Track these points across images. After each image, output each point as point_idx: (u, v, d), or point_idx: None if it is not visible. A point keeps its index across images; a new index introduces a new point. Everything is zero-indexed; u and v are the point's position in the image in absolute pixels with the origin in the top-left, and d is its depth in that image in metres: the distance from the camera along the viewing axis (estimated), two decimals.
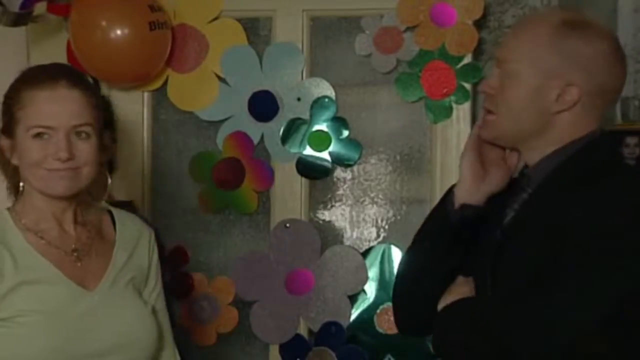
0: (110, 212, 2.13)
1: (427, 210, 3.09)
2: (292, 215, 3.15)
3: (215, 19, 3.16)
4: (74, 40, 3.00)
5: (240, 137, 3.15)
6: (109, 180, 2.11)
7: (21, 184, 2.01)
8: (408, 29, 3.07)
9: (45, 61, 3.12)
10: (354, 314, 3.12)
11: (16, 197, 2.04)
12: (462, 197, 2.00)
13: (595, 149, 1.93)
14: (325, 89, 3.13)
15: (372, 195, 3.22)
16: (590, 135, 1.93)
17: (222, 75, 3.16)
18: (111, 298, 2.01)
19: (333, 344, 3.11)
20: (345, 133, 3.12)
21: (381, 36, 3.08)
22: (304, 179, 3.17)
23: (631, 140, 3.09)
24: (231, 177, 3.16)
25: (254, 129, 3.16)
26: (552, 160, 1.93)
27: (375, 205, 3.21)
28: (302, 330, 3.16)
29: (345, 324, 3.11)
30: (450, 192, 2.05)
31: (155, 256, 2.14)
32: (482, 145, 2.02)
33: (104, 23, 2.93)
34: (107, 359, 1.97)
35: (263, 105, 3.14)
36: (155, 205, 3.25)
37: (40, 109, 1.95)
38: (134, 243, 2.09)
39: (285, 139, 3.14)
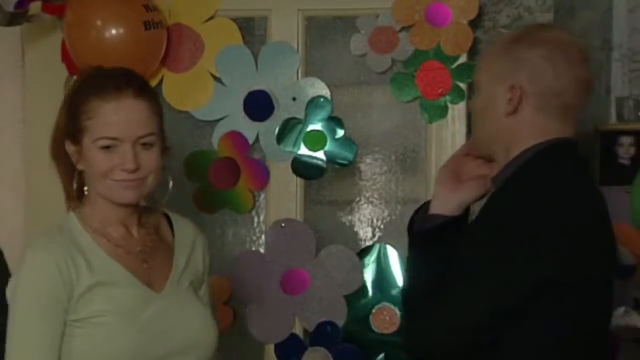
0: (166, 216, 2.15)
1: None
2: (288, 215, 3.15)
3: (211, 18, 3.16)
4: (69, 40, 2.99)
5: (236, 137, 3.15)
6: (171, 184, 2.13)
7: (85, 188, 2.04)
8: (403, 28, 3.07)
9: (41, 60, 3.16)
10: (350, 313, 3.12)
11: (79, 200, 2.07)
12: (433, 206, 2.09)
13: (540, 160, 1.98)
14: (321, 89, 3.13)
15: (367, 195, 3.22)
16: (538, 146, 1.98)
17: (217, 75, 3.15)
18: (177, 300, 2.04)
19: (329, 344, 3.11)
20: (341, 133, 3.12)
21: (376, 36, 3.08)
22: (299, 179, 3.17)
23: (626, 140, 3.10)
24: (226, 176, 3.16)
25: (249, 129, 3.15)
26: (508, 168, 2.00)
27: (370, 205, 3.22)
28: (298, 330, 3.16)
29: (340, 324, 3.11)
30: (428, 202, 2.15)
31: (208, 260, 2.18)
32: (460, 159, 2.13)
33: (99, 22, 2.93)
34: (179, 358, 2.01)
35: (258, 105, 3.14)
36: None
37: (107, 120, 1.97)
38: (190, 247, 2.13)
39: (280, 138, 3.14)
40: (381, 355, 3.10)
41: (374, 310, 3.11)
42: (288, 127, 3.14)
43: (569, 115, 2.01)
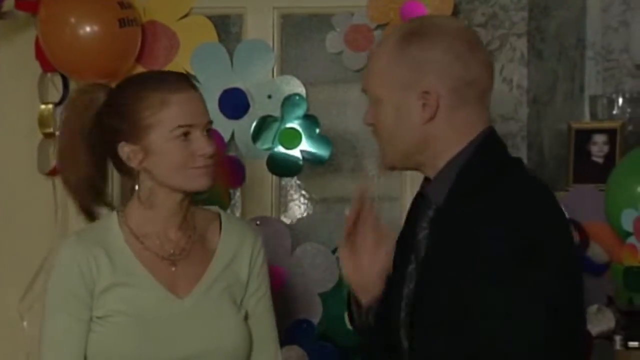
0: (219, 217, 2.16)
1: (398, 207, 3.11)
2: (263, 213, 3.15)
3: (186, 15, 3.15)
4: (43, 37, 2.98)
5: (211, 135, 3.14)
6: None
7: (136, 187, 2.05)
8: (379, 26, 3.07)
9: (14, 57, 3.14)
10: (325, 311, 3.12)
11: (127, 200, 2.11)
12: (364, 302, 1.95)
13: (480, 157, 1.88)
14: (296, 87, 3.13)
15: (343, 192, 3.22)
16: (470, 145, 1.89)
17: (192, 73, 3.14)
18: (202, 305, 2.04)
19: (304, 342, 3.11)
20: (317, 130, 3.12)
21: (352, 34, 3.09)
22: (275, 177, 3.17)
23: (599, 138, 3.11)
24: None
25: (225, 126, 3.15)
26: (446, 174, 1.89)
27: (346, 203, 3.22)
28: None
29: (316, 322, 3.11)
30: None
31: (260, 259, 2.15)
32: (354, 238, 1.97)
33: (73, 20, 2.92)
34: None
35: (234, 103, 3.13)
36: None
37: (181, 109, 2.02)
38: (234, 251, 2.12)
39: (256, 136, 3.13)
40: (357, 355, 3.11)
41: None
42: (264, 125, 3.13)
43: (485, 102, 1.92)
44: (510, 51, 3.22)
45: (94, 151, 2.09)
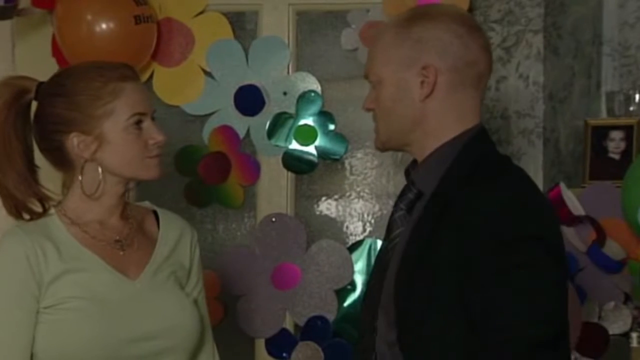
0: (155, 213, 2.15)
1: None
2: (278, 210, 3.15)
3: (201, 12, 3.15)
4: (59, 34, 2.99)
5: (226, 131, 3.15)
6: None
7: (80, 177, 2.02)
8: None
9: (31, 54, 3.14)
10: (340, 308, 3.12)
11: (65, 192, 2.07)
12: None
13: (473, 151, 1.90)
14: (312, 83, 3.13)
15: (358, 189, 3.22)
16: (466, 134, 1.91)
17: (208, 69, 3.15)
18: (153, 287, 2.04)
19: (319, 338, 3.11)
20: (332, 127, 3.12)
21: (367, 30, 3.08)
22: (290, 173, 3.17)
23: (616, 134, 3.10)
24: (217, 171, 3.16)
25: (240, 123, 3.15)
26: (434, 161, 1.90)
27: (361, 200, 3.22)
28: (288, 325, 3.16)
29: (331, 318, 3.11)
30: None
31: (197, 255, 2.17)
32: None
33: (89, 17, 2.92)
34: (152, 343, 2.00)
35: (249, 100, 3.14)
36: (140, 199, 3.23)
37: (134, 98, 2.01)
38: (175, 241, 2.12)
39: (271, 133, 3.13)
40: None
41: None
42: (279, 122, 3.14)
43: (482, 88, 1.94)
44: (526, 48, 3.21)
45: (26, 145, 2.04)
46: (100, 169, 2.01)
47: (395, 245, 1.92)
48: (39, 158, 2.06)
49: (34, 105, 2.07)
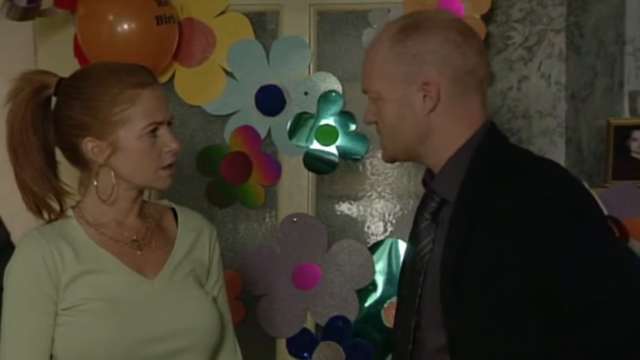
0: (173, 210, 2.15)
1: None
2: (299, 210, 3.15)
3: (222, 13, 3.16)
4: (81, 34, 3.00)
5: (248, 131, 3.15)
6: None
7: (95, 182, 2.02)
8: None
9: (53, 55, 3.16)
10: (361, 308, 3.12)
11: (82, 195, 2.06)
12: None
13: (488, 151, 1.90)
14: (333, 83, 3.13)
15: (379, 189, 3.22)
16: (476, 136, 1.90)
17: (229, 70, 3.16)
18: (171, 286, 2.04)
19: (340, 338, 3.11)
20: (353, 127, 3.12)
21: None
22: (311, 173, 3.17)
23: (639, 134, 3.08)
24: (238, 171, 3.16)
25: (261, 123, 3.15)
26: (452, 167, 1.90)
27: (382, 200, 3.21)
28: (309, 325, 3.16)
29: (352, 319, 3.11)
30: None
31: (217, 253, 2.16)
32: None
33: (111, 17, 2.93)
34: (171, 342, 2.00)
35: (270, 100, 3.14)
36: (161, 199, 3.24)
37: (151, 106, 1.98)
38: (194, 238, 2.12)
39: (292, 133, 3.14)
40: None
41: (385, 305, 3.11)
42: (300, 122, 3.14)
43: (483, 91, 1.94)
44: (548, 47, 3.20)
45: (46, 140, 2.02)
46: (113, 174, 2.00)
47: (425, 256, 1.92)
48: (59, 153, 2.05)
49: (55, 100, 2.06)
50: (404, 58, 1.89)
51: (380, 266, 3.13)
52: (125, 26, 2.92)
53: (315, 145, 3.13)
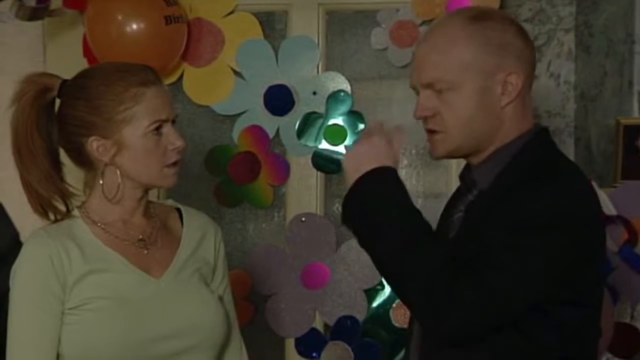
0: (178, 210, 2.15)
1: (443, 204, 3.10)
2: (308, 209, 3.15)
3: (231, 13, 3.16)
4: (90, 34, 3.00)
5: (256, 131, 3.15)
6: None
7: (101, 181, 2.02)
8: (424, 22, 3.06)
9: (62, 55, 3.16)
10: (370, 308, 3.12)
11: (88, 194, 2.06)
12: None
13: (534, 149, 1.88)
14: (341, 83, 3.13)
15: None
16: (527, 134, 1.88)
17: (237, 69, 3.16)
18: (177, 285, 2.04)
19: (349, 338, 3.11)
20: (361, 127, 3.12)
21: (397, 30, 3.08)
22: (319, 173, 3.17)
23: None
24: (247, 171, 3.17)
25: (270, 123, 3.16)
26: (495, 161, 1.87)
27: None
28: (318, 324, 3.16)
29: (361, 318, 3.11)
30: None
31: (222, 252, 2.16)
32: None
33: (119, 17, 2.94)
34: (177, 341, 2.00)
35: (279, 99, 3.14)
36: (169, 197, 3.25)
37: (155, 103, 1.99)
38: (199, 237, 2.13)
39: (301, 133, 3.14)
40: (403, 351, 3.10)
41: (394, 305, 3.10)
42: (309, 122, 3.14)
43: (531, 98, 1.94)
44: (557, 46, 3.19)
45: (50, 142, 2.03)
46: (118, 172, 2.00)
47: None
48: (64, 155, 2.06)
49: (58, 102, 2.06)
50: (487, 48, 1.84)
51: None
52: (134, 26, 2.93)
53: (324, 145, 3.13)
